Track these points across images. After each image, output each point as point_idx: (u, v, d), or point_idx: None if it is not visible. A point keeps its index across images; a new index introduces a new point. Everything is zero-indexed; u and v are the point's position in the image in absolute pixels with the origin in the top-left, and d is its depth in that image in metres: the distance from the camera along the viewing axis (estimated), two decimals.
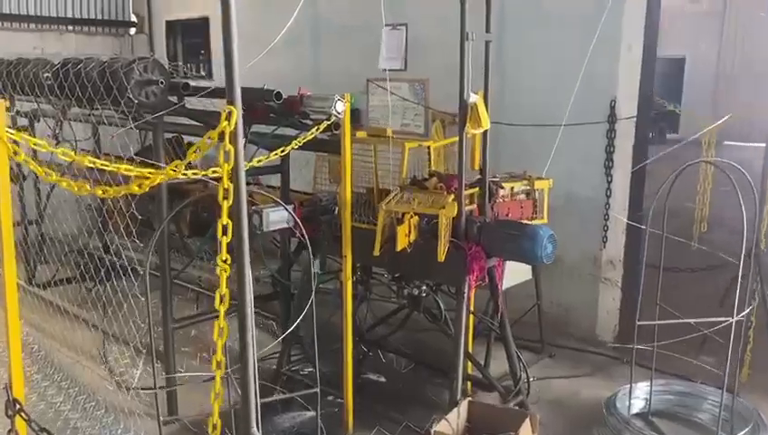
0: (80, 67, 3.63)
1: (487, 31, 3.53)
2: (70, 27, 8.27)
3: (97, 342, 4.96)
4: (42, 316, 5.38)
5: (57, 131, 5.10)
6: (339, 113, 3.25)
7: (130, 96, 3.22)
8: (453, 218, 3.39)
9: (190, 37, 8.32)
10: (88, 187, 2.06)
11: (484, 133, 3.60)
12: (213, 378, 2.68)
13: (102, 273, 5.21)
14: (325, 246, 4.12)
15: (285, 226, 3.90)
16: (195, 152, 2.01)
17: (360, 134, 4.01)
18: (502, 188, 3.75)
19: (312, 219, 4.04)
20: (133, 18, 8.83)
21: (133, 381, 4.41)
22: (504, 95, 5.16)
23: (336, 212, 4.13)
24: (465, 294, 3.47)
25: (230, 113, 1.84)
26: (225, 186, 1.86)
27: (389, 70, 5.98)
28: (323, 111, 3.28)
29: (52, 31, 8.09)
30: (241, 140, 1.85)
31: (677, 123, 14.09)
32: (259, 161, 3.19)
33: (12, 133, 2.12)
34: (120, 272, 5.33)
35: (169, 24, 8.40)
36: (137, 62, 3.29)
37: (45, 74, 4.03)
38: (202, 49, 8.07)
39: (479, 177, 3.70)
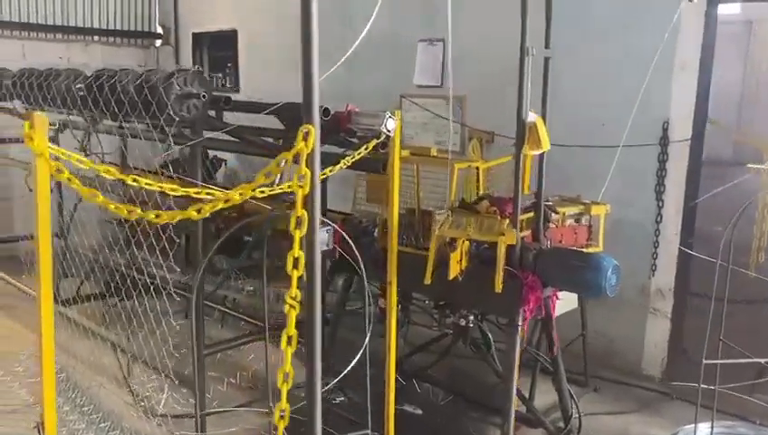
0: (114, 79, 3.46)
1: (546, 47, 3.33)
2: (96, 38, 8.18)
3: (121, 362, 4.77)
4: (63, 334, 5.20)
5: (85, 144, 4.95)
6: (389, 131, 3.05)
7: (171, 111, 3.04)
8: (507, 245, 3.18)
9: (217, 50, 8.19)
10: (140, 211, 1.87)
11: (541, 154, 3.38)
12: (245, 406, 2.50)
13: (124, 290, 5.05)
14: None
15: (326, 248, 3.70)
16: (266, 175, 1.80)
17: (403, 153, 3.82)
18: (556, 212, 3.52)
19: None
20: (159, 30, 8.74)
21: (159, 407, 4.22)
22: (548, 114, 4.96)
23: (376, 234, 3.94)
24: (519, 327, 3.24)
25: (308, 133, 1.64)
26: (299, 214, 1.66)
27: (424, 86, 5.84)
28: (373, 129, 3.08)
29: (78, 41, 8.00)
30: (318, 164, 1.65)
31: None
32: (289, 186, 2.97)
33: (54, 149, 1.93)
34: (143, 289, 5.17)
35: (196, 36, 8.28)
36: (177, 75, 3.11)
37: (78, 86, 3.87)
38: (229, 62, 7.93)
39: (532, 201, 3.48)
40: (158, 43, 8.71)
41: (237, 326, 5.22)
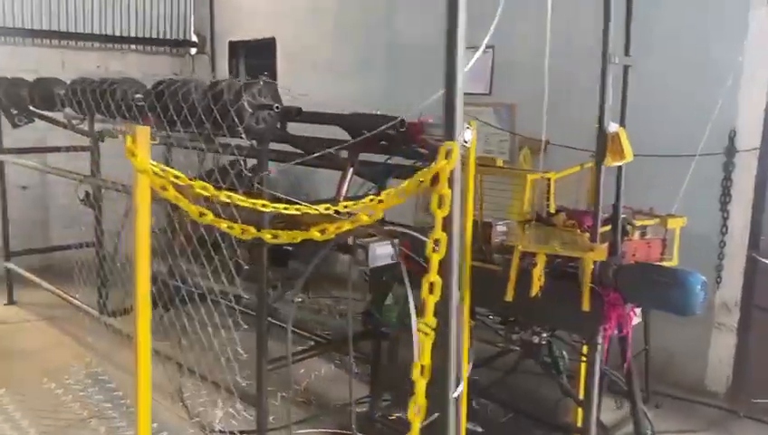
0: (176, 88, 3.40)
1: (627, 54, 3.21)
2: (132, 46, 8.17)
3: (170, 375, 4.69)
4: (112, 345, 5.14)
5: None
6: (466, 142, 2.95)
7: (247, 123, 2.97)
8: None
9: (254, 58, 8.14)
10: (253, 229, 1.78)
11: (619, 166, 3.26)
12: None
13: (167, 299, 4.99)
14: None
15: (390, 261, 3.60)
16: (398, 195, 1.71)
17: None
18: (633, 226, 3.40)
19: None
20: (194, 38, 8.71)
21: (216, 422, 4.13)
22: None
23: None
24: (599, 346, 3.12)
25: (450, 150, 1.54)
26: (437, 236, 1.57)
27: (472, 93, 5.73)
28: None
29: (115, 50, 7.99)
30: (458, 184, 1.56)
31: None
32: (371, 200, 2.88)
33: (155, 165, 1.86)
34: (188, 300, 5.10)
35: (232, 45, 8.24)
36: (251, 86, 3.03)
37: (136, 95, 3.81)
38: (266, 70, 7.86)
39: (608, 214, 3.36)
40: (193, 51, 8.69)
41: (283, 337, 5.11)
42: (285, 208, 2.08)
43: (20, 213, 6.52)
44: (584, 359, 3.82)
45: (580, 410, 4.05)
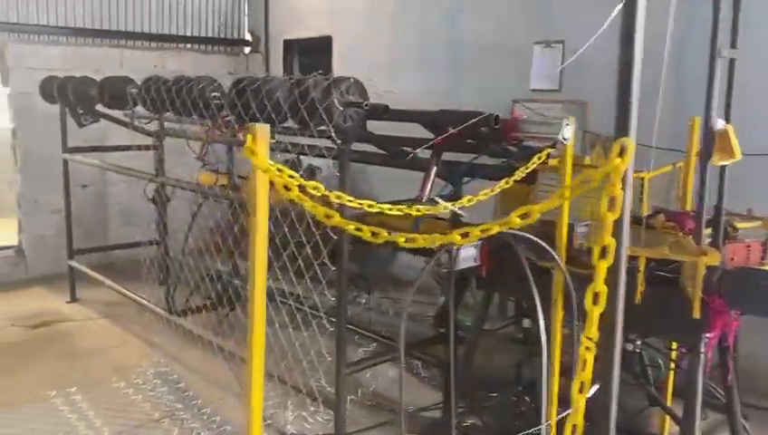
0: (259, 85, 3.33)
1: (733, 46, 3.03)
2: (188, 46, 8.20)
3: (239, 375, 4.65)
4: (178, 345, 5.13)
5: (204, 153, 4.87)
6: (566, 139, 2.82)
7: (335, 121, 2.88)
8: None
9: (308, 57, 8.10)
10: (385, 233, 1.68)
11: (722, 165, 3.09)
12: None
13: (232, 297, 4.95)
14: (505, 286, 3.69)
15: (473, 264, 3.49)
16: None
17: (552, 161, 3.57)
18: (735, 228, 3.22)
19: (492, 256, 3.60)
20: (248, 37, 8.71)
21: (287, 425, 4.07)
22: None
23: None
24: (703, 355, 2.95)
25: (625, 147, 1.42)
26: (607, 241, 1.45)
27: (541, 90, 5.58)
28: (546, 137, 2.85)
29: (171, 49, 8.02)
30: (630, 187, 1.44)
31: None
32: (469, 200, 2.77)
33: (273, 164, 1.77)
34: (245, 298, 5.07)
35: (287, 44, 8.21)
36: (340, 82, 2.95)
37: (213, 94, 3.76)
38: (320, 69, 7.80)
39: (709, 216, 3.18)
40: (247, 50, 8.69)
41: (351, 339, 5.03)
42: (399, 210, 1.98)
43: (80, 211, 6.58)
44: (675, 367, 3.66)
45: (667, 419, 3.88)
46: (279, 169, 1.81)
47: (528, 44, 5.62)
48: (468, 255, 3.42)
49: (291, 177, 1.81)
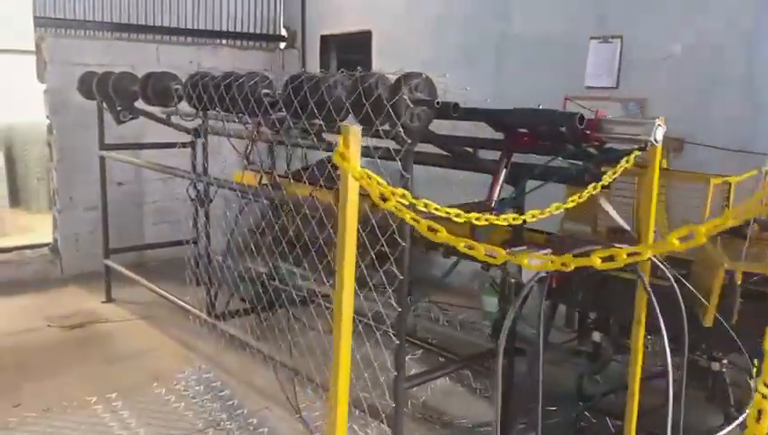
0: (317, 82, 3.14)
1: None
2: (223, 41, 8.06)
3: (282, 382, 4.47)
4: (219, 349, 4.97)
5: (249, 152, 4.70)
6: (657, 142, 2.59)
7: (404, 119, 2.68)
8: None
9: (346, 53, 7.91)
10: (503, 252, 1.47)
11: None
12: None
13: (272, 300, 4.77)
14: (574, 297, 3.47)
15: (543, 274, 3.26)
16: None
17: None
18: None
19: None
20: (283, 32, 8.54)
21: None
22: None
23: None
24: None
25: None
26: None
27: (597, 87, 5.33)
28: (634, 139, 2.62)
29: (206, 45, 7.88)
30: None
31: None
32: (558, 208, 2.55)
33: (364, 171, 1.57)
34: (286, 301, 4.88)
35: (324, 39, 8.02)
36: (410, 78, 2.74)
37: (264, 91, 3.58)
38: (359, 65, 7.60)
39: None
40: (283, 45, 8.52)
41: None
42: (506, 220, 1.77)
43: (115, 209, 6.45)
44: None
45: None
46: (368, 176, 1.61)
47: (582, 39, 5.37)
48: (537, 264, 3.20)
49: (380, 184, 1.62)
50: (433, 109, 2.83)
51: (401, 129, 2.71)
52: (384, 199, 1.57)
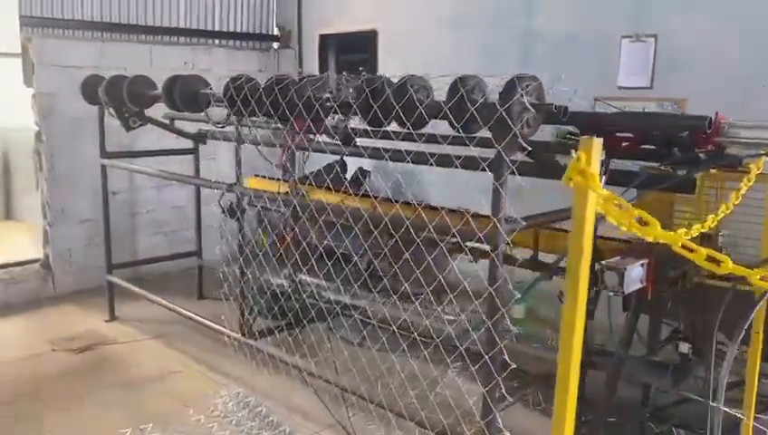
0: (401, 86, 2.92)
1: None
2: (216, 41, 7.69)
3: (329, 405, 4.21)
4: (249, 370, 4.66)
5: (285, 160, 4.42)
6: None
7: (519, 126, 2.48)
8: None
9: (347, 53, 7.65)
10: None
11: None
12: None
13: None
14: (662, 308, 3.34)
15: (640, 286, 3.12)
16: None
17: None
18: None
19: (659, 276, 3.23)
20: (276, 32, 8.22)
21: None
22: None
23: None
24: None
25: None
26: None
27: (629, 87, 5.24)
28: (764, 143, 2.49)
29: (199, 45, 7.51)
30: None
31: None
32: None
33: (609, 194, 1.36)
34: (326, 315, 4.62)
35: (323, 38, 7.74)
36: (523, 81, 2.54)
37: (325, 95, 3.33)
38: (361, 65, 7.37)
39: None
40: (276, 45, 8.20)
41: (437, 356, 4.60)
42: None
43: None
44: None
45: None
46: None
47: (614, 38, 5.27)
48: (636, 276, 3.06)
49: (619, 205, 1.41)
50: (542, 114, 2.63)
51: (516, 136, 2.50)
52: (644, 224, 1.37)
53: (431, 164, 3.40)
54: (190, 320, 5.13)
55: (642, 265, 3.09)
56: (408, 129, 2.92)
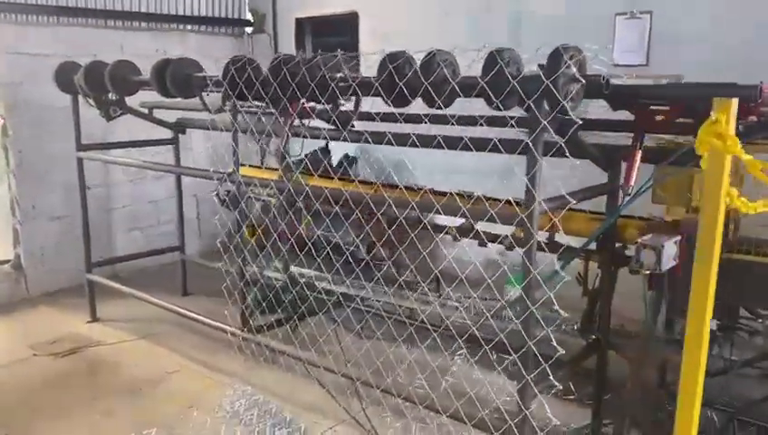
0: (429, 60, 2.77)
1: None
2: (188, 27, 7.37)
3: (340, 402, 4.06)
4: (248, 367, 4.47)
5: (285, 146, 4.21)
6: None
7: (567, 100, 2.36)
8: None
9: (325, 36, 7.43)
10: None
11: None
12: None
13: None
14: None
15: (674, 263, 3.05)
16: None
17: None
18: None
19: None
20: (248, 16, 7.94)
21: None
22: None
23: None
24: None
25: None
26: None
27: (625, 65, 5.18)
28: None
29: (171, 31, 7.19)
30: None
31: None
32: None
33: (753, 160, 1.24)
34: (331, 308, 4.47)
35: (299, 22, 7.50)
36: (568, 51, 2.42)
37: (338, 74, 3.16)
38: (341, 48, 7.14)
39: None
40: (249, 30, 7.92)
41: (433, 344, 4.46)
42: None
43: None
44: None
45: None
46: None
47: (607, 15, 5.21)
48: (671, 253, 2.99)
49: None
50: (583, 86, 2.52)
51: (564, 111, 2.39)
52: None
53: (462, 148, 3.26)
54: (185, 318, 4.90)
55: (675, 242, 3.02)
56: (438, 107, 2.76)
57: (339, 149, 6.73)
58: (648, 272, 2.96)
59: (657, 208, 3.60)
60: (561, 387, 2.86)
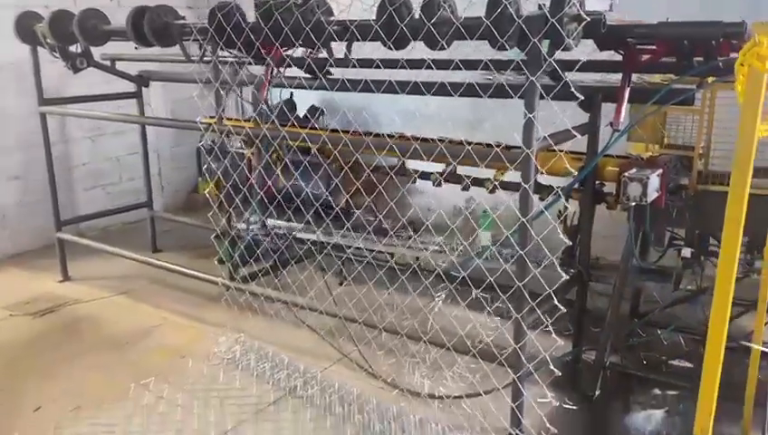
0: (430, 1, 2.83)
1: None
2: None
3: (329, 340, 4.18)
4: (233, 316, 4.50)
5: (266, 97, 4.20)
6: None
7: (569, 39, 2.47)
8: None
9: None
10: None
11: None
12: None
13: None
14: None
15: (656, 195, 3.26)
16: None
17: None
18: None
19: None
20: None
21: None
22: None
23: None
24: None
25: None
26: None
27: (590, 13, 5.33)
28: None
29: None
30: None
31: None
32: None
33: None
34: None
35: None
36: None
37: (331, 18, 3.18)
38: None
39: None
40: None
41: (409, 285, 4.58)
42: None
43: (41, 175, 5.50)
44: None
45: None
46: None
47: None
48: (655, 185, 3.19)
49: None
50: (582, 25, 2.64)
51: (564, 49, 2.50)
52: None
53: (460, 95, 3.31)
54: (167, 271, 4.90)
55: (658, 175, 3.23)
56: (440, 49, 2.83)
57: (303, 103, 6.69)
58: (633, 204, 3.16)
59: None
60: (550, 322, 3.04)
